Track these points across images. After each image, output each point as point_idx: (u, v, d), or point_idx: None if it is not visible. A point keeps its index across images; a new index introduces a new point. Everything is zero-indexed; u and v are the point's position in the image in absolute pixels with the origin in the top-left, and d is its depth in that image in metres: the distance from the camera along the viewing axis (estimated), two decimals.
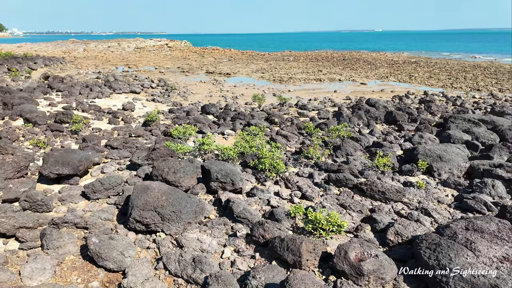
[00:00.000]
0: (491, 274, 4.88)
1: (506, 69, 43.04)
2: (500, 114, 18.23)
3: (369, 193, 8.95)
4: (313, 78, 36.33)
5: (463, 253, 5.24)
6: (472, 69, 43.48)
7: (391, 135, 15.21)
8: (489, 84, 31.43)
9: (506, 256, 5.22)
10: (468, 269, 5.00)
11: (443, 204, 8.66)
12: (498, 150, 11.40)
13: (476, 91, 28.47)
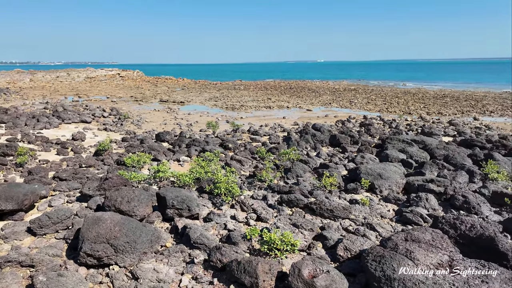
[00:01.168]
0: (429, 280, 5.15)
1: (431, 94, 46.80)
2: (429, 134, 19.66)
3: (318, 211, 9.14)
4: (263, 105, 37.10)
5: (404, 263, 5.49)
6: (403, 95, 46.77)
7: (336, 157, 15.77)
8: (418, 108, 33.90)
9: (440, 262, 5.55)
10: (409, 277, 5.23)
11: (386, 219, 9.05)
12: (429, 167, 12.23)
13: (408, 115, 30.54)
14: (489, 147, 15.58)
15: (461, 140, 17.17)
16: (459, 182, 10.77)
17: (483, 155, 13.40)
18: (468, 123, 25.66)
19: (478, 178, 11.37)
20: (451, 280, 5.21)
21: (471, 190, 10.35)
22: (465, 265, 5.56)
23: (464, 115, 30.22)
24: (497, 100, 39.50)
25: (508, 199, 9.21)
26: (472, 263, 5.65)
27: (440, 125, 24.83)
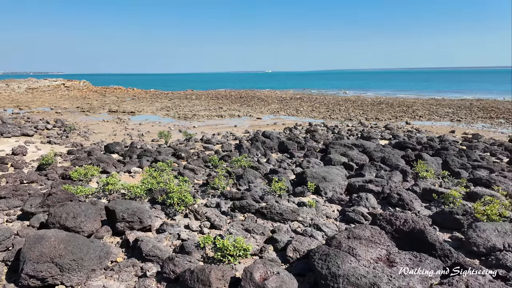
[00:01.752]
0: (370, 274, 5.45)
1: (369, 101, 49.52)
2: (368, 138, 20.78)
3: (269, 215, 9.30)
4: (215, 114, 36.99)
5: (348, 259, 5.77)
6: (344, 102, 49.01)
7: (285, 162, 16.12)
8: (358, 114, 35.68)
9: (379, 256, 5.90)
10: (352, 272, 5.51)
11: (331, 219, 9.43)
12: (368, 168, 12.93)
13: (349, 121, 32.01)
14: (419, 148, 16.81)
15: (396, 143, 18.34)
16: (394, 182, 11.50)
17: (414, 156, 14.41)
18: (401, 127, 27.46)
19: (410, 177, 12.22)
20: (389, 272, 5.56)
21: (405, 188, 11.10)
22: (401, 257, 5.96)
23: (398, 120, 32.31)
24: (425, 106, 42.75)
25: (435, 195, 10.00)
26: (407, 255, 6.07)
27: (377, 129, 26.32)
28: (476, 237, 7.12)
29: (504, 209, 8.48)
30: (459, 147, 17.89)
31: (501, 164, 14.44)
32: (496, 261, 6.58)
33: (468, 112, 36.49)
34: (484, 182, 11.39)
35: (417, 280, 5.42)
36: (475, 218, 8.17)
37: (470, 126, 28.25)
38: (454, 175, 12.55)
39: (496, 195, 9.86)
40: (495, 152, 17.05)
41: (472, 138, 21.39)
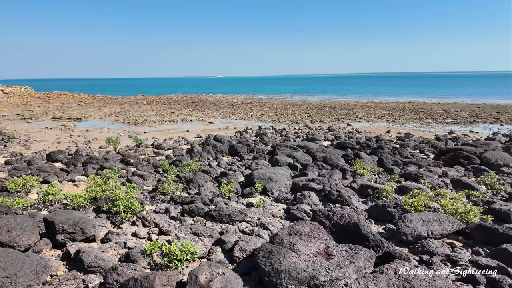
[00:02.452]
0: (309, 268, 5.65)
1: (314, 105, 51.24)
2: (312, 140, 21.50)
3: (218, 218, 9.28)
4: (167, 119, 36.13)
5: (289, 255, 5.92)
6: (291, 106, 50.25)
7: (235, 165, 16.17)
8: (304, 118, 36.77)
9: (318, 250, 6.13)
10: (293, 267, 5.66)
11: (277, 217, 9.61)
12: (311, 168, 13.37)
13: (296, 123, 32.87)
14: (358, 148, 17.70)
15: (337, 143, 19.15)
16: (334, 179, 12.00)
17: (353, 155, 15.14)
18: (343, 129, 28.73)
19: (349, 174, 12.82)
20: (327, 265, 5.79)
21: (344, 185, 11.62)
22: (337, 250, 6.23)
23: (340, 122, 33.75)
24: (364, 108, 45.10)
25: (371, 190, 10.57)
26: (343, 247, 6.35)
27: (321, 131, 27.29)
28: (404, 227, 7.64)
29: (429, 200, 9.16)
30: (393, 145, 19.10)
31: (428, 160, 15.64)
32: (421, 247, 7.12)
33: (402, 113, 39.05)
34: (413, 176, 12.26)
35: (352, 270, 5.70)
36: (405, 210, 8.75)
37: (403, 126, 30.27)
38: (388, 171, 13.37)
39: (422, 188, 10.65)
40: (423, 149, 18.43)
41: (405, 137, 22.93)
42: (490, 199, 9.99)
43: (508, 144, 18.68)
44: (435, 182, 11.62)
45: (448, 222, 7.76)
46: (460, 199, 9.36)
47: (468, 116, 35.68)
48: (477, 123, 31.45)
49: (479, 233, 7.55)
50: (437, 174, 13.05)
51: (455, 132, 25.97)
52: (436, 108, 44.37)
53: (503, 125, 29.94)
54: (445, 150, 16.22)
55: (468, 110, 41.00)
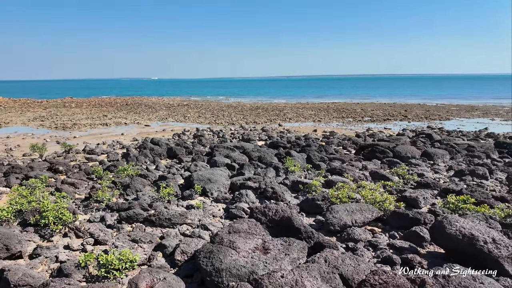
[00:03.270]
0: (249, 263, 5.75)
1: (248, 107, 52.01)
2: (247, 140, 21.83)
3: (158, 222, 8.97)
4: (99, 123, 33.81)
5: (229, 253, 5.96)
6: (227, 108, 50.40)
7: (174, 168, 15.76)
8: (239, 119, 37.12)
9: (256, 246, 6.27)
10: (233, 264, 5.72)
11: (217, 217, 9.59)
12: (247, 167, 13.58)
13: (232, 125, 33.05)
14: (289, 146, 18.39)
15: (270, 143, 19.68)
16: (269, 177, 12.33)
17: (284, 153, 15.69)
18: (275, 129, 29.60)
19: (282, 172, 13.27)
20: (264, 259, 5.94)
21: (278, 182, 12.00)
22: (273, 244, 6.42)
23: (272, 122, 34.72)
24: (293, 109, 46.99)
25: (301, 186, 11.07)
26: (279, 241, 6.56)
27: (256, 131, 27.82)
28: (332, 218, 8.14)
29: (352, 192, 9.86)
30: (320, 143, 20.21)
31: (350, 155, 16.83)
32: (347, 235, 7.65)
33: (326, 113, 41.41)
34: (338, 171, 13.09)
35: (288, 262, 5.92)
36: (331, 202, 9.31)
37: (328, 125, 32.14)
38: (316, 167, 14.11)
39: (346, 181, 11.43)
40: (346, 146, 19.78)
41: (329, 135, 24.37)
42: (401, 188, 11.09)
43: (414, 139, 20.89)
44: (357, 175, 12.55)
45: (368, 211, 8.45)
46: (378, 190, 10.24)
47: (382, 114, 39.08)
48: (389, 120, 34.59)
49: (394, 219, 8.34)
50: (358, 168, 14.11)
51: (372, 129, 28.27)
52: (356, 108, 47.87)
53: (410, 122, 33.35)
54: (364, 145, 17.59)
55: (382, 109, 44.90)
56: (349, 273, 5.37)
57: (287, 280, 4.99)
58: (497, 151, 16.67)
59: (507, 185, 11.80)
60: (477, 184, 11.86)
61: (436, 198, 10.35)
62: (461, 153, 16.30)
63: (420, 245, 7.09)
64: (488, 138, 22.46)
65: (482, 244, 5.85)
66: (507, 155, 16.05)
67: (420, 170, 13.69)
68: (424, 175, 12.80)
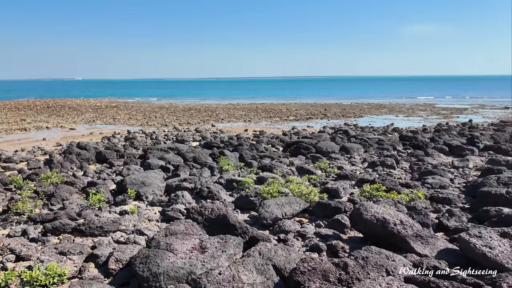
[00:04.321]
0: (187, 264, 5.62)
1: (180, 108, 50.72)
2: (182, 141, 21.27)
3: (89, 231, 8.27)
4: (16, 128, 29.86)
5: (166, 256, 5.76)
6: (159, 109, 48.48)
7: (104, 173, 14.67)
8: (172, 120, 35.98)
9: (194, 246, 6.16)
10: (171, 267, 5.54)
11: (153, 221, 9.18)
12: (182, 168, 13.25)
13: (165, 126, 31.90)
14: (222, 146, 18.39)
15: (204, 143, 19.46)
16: (204, 177, 12.19)
17: (218, 153, 15.66)
18: (209, 129, 29.35)
19: (216, 171, 13.22)
20: (202, 258, 5.87)
21: (213, 181, 11.93)
22: (211, 242, 6.38)
23: (205, 123, 34.35)
24: (225, 110, 47.12)
25: (235, 184, 11.16)
26: (215, 239, 6.54)
27: (189, 132, 27.25)
28: (264, 212, 8.35)
29: (281, 187, 10.22)
30: (251, 142, 20.58)
31: (278, 152, 17.44)
32: (278, 228, 7.92)
33: (256, 113, 42.30)
34: (268, 168, 13.48)
35: (225, 258, 5.93)
36: (263, 197, 9.55)
37: (258, 124, 32.87)
38: (248, 165, 14.35)
39: (276, 177, 11.82)
40: (274, 144, 20.46)
41: (259, 134, 24.95)
42: (324, 180, 11.83)
43: (333, 135, 22.45)
44: (285, 171, 13.06)
45: (296, 203, 8.85)
46: (304, 183, 10.78)
47: (305, 113, 41.22)
48: (311, 119, 36.64)
49: (319, 209, 8.87)
50: (285, 164, 14.69)
51: (297, 128, 29.66)
52: (282, 108, 49.73)
53: (329, 120, 35.73)
54: (290, 143, 18.38)
55: (305, 109, 47.36)
56: (281, 263, 5.57)
57: (225, 276, 5.00)
58: (401, 144, 18.74)
59: (410, 173, 13.33)
60: (386, 173, 13.19)
61: (354, 188, 11.26)
62: (373, 146, 17.98)
63: (342, 232, 7.65)
64: (394, 133, 25.14)
65: (392, 226, 6.53)
66: (409, 147, 18.13)
67: (339, 163, 14.78)
68: (343, 168, 13.83)
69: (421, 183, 11.25)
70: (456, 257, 6.03)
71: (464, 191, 10.59)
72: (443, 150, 16.99)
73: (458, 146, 16.91)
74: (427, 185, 11.00)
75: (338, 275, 4.79)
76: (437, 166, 13.50)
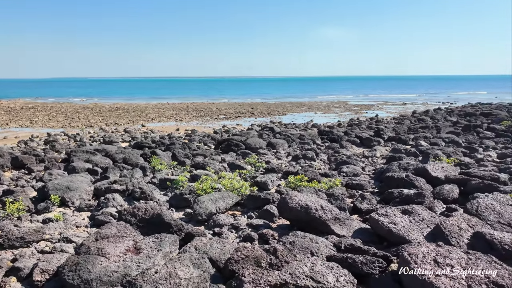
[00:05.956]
0: (121, 267, 5.33)
1: (107, 108, 46.99)
2: (110, 142, 19.78)
3: (7, 244, 7.24)
4: None
5: (98, 261, 5.39)
6: (83, 110, 44.21)
7: (22, 179, 12.91)
8: (98, 121, 33.15)
9: (128, 248, 5.86)
10: (104, 272, 5.19)
11: (81, 227, 8.42)
12: (112, 170, 12.37)
13: (90, 127, 29.26)
14: (154, 146, 17.61)
15: (134, 144, 18.40)
16: (136, 178, 11.57)
17: (150, 153, 14.97)
18: (139, 129, 27.79)
19: (149, 171, 12.65)
20: (137, 259, 5.61)
21: (146, 182, 11.40)
22: (145, 243, 6.13)
23: (135, 123, 32.42)
24: (155, 110, 45.11)
25: (169, 183, 10.83)
26: (151, 238, 6.30)
27: (118, 133, 25.46)
28: (199, 209, 8.31)
29: (214, 183, 10.25)
30: (183, 141, 20.10)
31: (210, 150, 17.39)
32: (213, 222, 7.95)
33: (187, 113, 41.36)
34: (201, 165, 13.36)
35: (160, 257, 5.77)
36: (198, 194, 9.46)
37: (189, 123, 32.21)
38: (181, 164, 14.02)
39: (209, 174, 11.79)
40: (206, 142, 20.31)
41: (191, 133, 24.51)
42: (254, 175, 12.19)
43: (260, 132, 23.16)
44: (217, 167, 13.10)
45: (229, 197, 8.98)
46: (235, 178, 10.97)
47: (234, 112, 41.66)
48: (240, 117, 37.20)
49: (250, 201, 9.13)
50: (218, 161, 14.73)
51: (227, 126, 29.85)
52: (212, 107, 49.46)
53: (256, 118, 36.69)
54: (221, 140, 18.46)
55: (234, 108, 47.84)
56: (217, 256, 5.64)
57: (161, 274, 4.88)
58: (320, 138, 20.18)
59: (328, 164, 14.47)
60: (308, 165, 14.12)
61: (281, 180, 11.82)
62: (296, 141, 19.04)
63: (271, 221, 8.00)
64: (314, 128, 26.94)
65: (314, 212, 7.05)
66: (327, 140, 19.63)
67: (267, 158, 15.35)
68: (270, 162, 14.41)
69: (337, 172, 12.32)
70: (369, 235, 6.79)
71: (373, 177, 11.89)
72: (355, 142, 18.80)
73: (367, 138, 18.88)
74: (343, 174, 12.09)
75: (269, 260, 5.05)
76: (350, 157, 14.88)
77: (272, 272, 4.79)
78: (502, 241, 5.37)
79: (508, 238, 5.43)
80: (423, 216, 6.77)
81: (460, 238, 5.81)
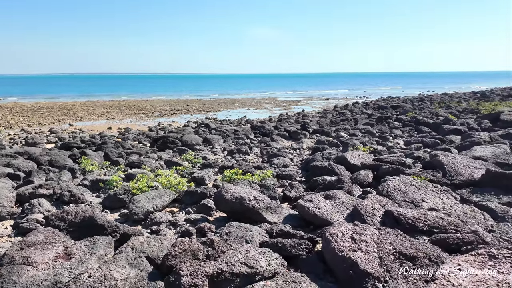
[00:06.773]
0: (50, 275, 4.92)
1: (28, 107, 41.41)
2: (33, 144, 17.56)
3: None
4: None
5: (24, 271, 4.89)
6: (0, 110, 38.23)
7: None
8: (19, 122, 29.02)
9: (57, 255, 5.42)
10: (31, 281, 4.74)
11: (4, 237, 7.40)
12: (36, 174, 11.08)
13: (10, 129, 25.48)
14: (84, 146, 16.17)
15: (61, 144, 16.65)
16: (64, 181, 10.56)
17: (79, 154, 13.75)
18: (66, 129, 25.12)
19: (79, 173, 11.63)
20: (68, 265, 5.24)
21: (76, 184, 10.47)
22: (77, 247, 5.74)
23: (61, 122, 29.18)
24: (83, 108, 41.13)
25: (102, 184, 10.13)
26: (82, 242, 5.91)
27: (42, 134, 22.67)
28: (135, 208, 7.98)
29: (150, 181, 9.90)
30: (116, 140, 18.81)
31: (146, 148, 16.62)
32: (150, 221, 7.72)
33: (119, 110, 38.60)
34: (136, 164, 12.73)
35: (94, 260, 5.46)
36: (133, 194, 9.06)
37: (122, 122, 30.15)
38: (114, 164, 13.17)
39: (145, 172, 11.32)
40: (141, 140, 19.33)
41: (125, 132, 23.03)
42: (191, 171, 12.06)
43: (197, 129, 22.85)
44: (154, 165, 12.63)
45: (166, 195, 8.79)
46: (172, 175, 10.74)
47: (169, 109, 40.20)
48: (176, 114, 36.06)
49: (188, 197, 9.06)
50: (154, 158, 14.19)
51: (162, 123, 28.71)
52: (146, 104, 46.94)
53: (192, 115, 35.97)
54: (157, 138, 17.77)
55: (169, 105, 46.10)
56: (154, 253, 5.55)
57: (96, 278, 4.65)
58: (253, 133, 20.71)
59: (260, 157, 14.98)
60: (242, 159, 14.44)
61: (217, 174, 11.92)
62: (230, 136, 19.25)
63: (209, 214, 8.08)
64: (247, 123, 27.43)
65: (248, 202, 7.33)
66: (259, 135, 20.22)
67: (203, 154, 15.28)
68: (207, 158, 14.38)
69: (269, 164, 12.87)
70: (297, 220, 7.29)
71: (301, 167, 12.68)
72: (284, 136, 19.75)
73: (295, 132, 19.96)
74: (274, 166, 12.67)
75: (206, 251, 5.15)
76: (280, 149, 15.62)
77: (209, 263, 4.91)
78: (406, 216, 6.23)
79: (411, 213, 6.34)
80: (343, 199, 7.51)
81: (373, 217, 6.60)
